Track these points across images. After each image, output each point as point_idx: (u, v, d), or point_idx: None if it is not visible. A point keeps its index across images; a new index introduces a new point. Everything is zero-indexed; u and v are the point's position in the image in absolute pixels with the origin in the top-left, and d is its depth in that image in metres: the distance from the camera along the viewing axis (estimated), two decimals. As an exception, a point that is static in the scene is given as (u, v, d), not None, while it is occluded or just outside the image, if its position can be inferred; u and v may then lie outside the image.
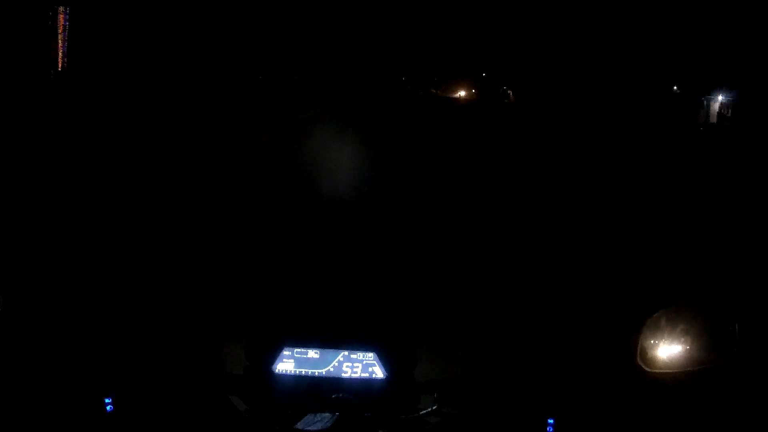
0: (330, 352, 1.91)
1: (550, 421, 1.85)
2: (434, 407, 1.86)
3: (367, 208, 3.44)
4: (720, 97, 29.02)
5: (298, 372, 1.91)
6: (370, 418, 1.85)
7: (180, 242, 2.37)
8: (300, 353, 1.91)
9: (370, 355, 1.91)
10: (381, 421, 1.84)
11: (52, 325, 1.87)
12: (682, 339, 1.89)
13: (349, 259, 2.17)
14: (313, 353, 1.91)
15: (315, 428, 1.81)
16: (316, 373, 1.91)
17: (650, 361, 1.89)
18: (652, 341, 1.90)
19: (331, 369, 1.92)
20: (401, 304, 1.99)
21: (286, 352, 1.91)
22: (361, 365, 1.92)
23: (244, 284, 2.06)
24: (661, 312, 1.86)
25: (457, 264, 2.30)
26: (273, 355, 1.91)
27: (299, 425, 1.82)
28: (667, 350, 1.90)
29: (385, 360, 1.90)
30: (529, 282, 2.10)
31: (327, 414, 1.85)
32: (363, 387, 1.89)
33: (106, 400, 1.85)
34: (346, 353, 1.91)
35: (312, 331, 1.90)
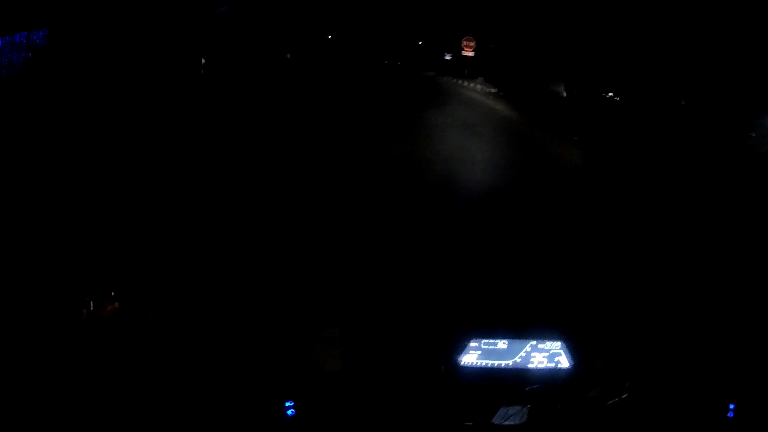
0: (518, 342, 1.87)
1: (731, 406, 1.88)
2: (623, 396, 1.85)
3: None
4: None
5: (484, 363, 1.86)
6: (561, 409, 1.82)
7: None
8: (488, 344, 1.86)
9: (557, 344, 1.87)
10: (572, 412, 1.82)
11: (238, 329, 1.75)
12: None
13: (537, 249, 2.10)
14: (501, 344, 1.86)
15: (512, 423, 1.77)
16: (503, 365, 1.87)
17: None
18: None
19: (518, 360, 1.88)
20: (588, 292, 1.96)
21: (473, 344, 1.85)
22: (547, 355, 1.89)
23: (430, 279, 1.97)
24: None
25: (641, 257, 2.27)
26: (459, 348, 1.84)
27: (496, 420, 1.77)
28: None
29: (572, 349, 1.87)
30: (714, 277, 2.11)
31: (519, 406, 1.81)
32: (550, 377, 1.86)
33: (287, 404, 1.77)
34: (534, 343, 1.87)
35: (502, 320, 1.84)
